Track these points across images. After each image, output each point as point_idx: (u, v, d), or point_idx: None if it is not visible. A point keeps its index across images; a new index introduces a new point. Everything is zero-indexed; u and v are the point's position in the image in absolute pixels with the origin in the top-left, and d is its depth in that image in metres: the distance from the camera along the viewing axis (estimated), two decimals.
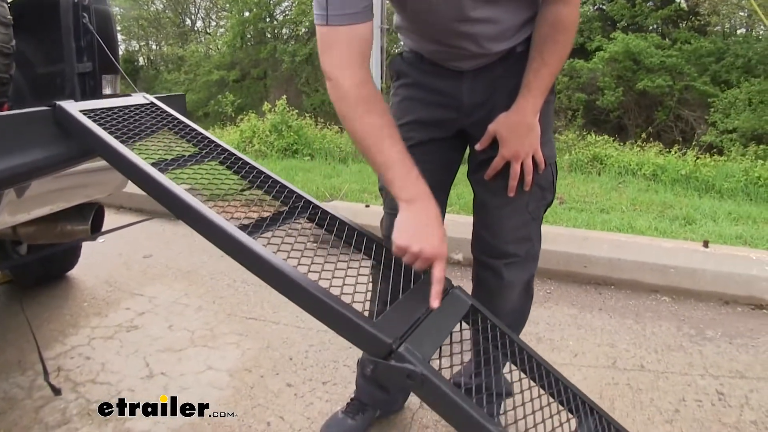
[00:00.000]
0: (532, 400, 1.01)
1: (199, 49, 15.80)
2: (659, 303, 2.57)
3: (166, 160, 1.20)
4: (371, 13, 1.13)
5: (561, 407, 1.08)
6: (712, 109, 7.90)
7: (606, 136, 6.67)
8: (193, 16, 17.95)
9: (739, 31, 10.42)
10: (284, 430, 1.70)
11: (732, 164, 5.47)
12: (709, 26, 9.25)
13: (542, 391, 1.08)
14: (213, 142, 1.35)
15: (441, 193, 1.44)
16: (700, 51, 8.93)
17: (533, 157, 1.30)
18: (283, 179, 1.27)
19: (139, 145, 1.24)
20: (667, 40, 9.51)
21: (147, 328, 2.33)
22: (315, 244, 1.10)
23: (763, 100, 7.91)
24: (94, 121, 1.22)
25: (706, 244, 2.72)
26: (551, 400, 1.07)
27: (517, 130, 1.26)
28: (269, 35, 14.84)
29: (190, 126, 1.39)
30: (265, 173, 1.27)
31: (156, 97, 1.55)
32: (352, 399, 1.67)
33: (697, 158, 5.51)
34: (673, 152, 5.94)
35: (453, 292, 1.10)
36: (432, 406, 0.89)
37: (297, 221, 1.16)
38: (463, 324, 1.11)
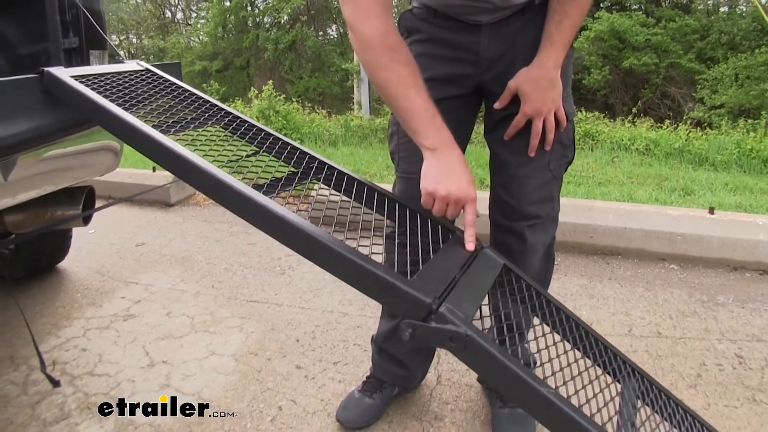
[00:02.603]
0: (577, 361, 0.95)
1: (180, 41, 15.51)
2: (668, 271, 2.53)
3: (168, 123, 1.11)
4: None
5: (601, 369, 1.01)
6: (699, 86, 7.91)
7: (597, 113, 6.63)
8: (173, 8, 17.61)
9: (722, 9, 10.44)
10: (297, 413, 1.62)
11: (724, 137, 5.46)
12: (693, 4, 9.24)
13: (579, 352, 1.01)
14: (215, 105, 1.26)
15: None
16: (684, 29, 8.91)
17: (555, 114, 1.24)
18: (293, 141, 1.18)
19: (137, 110, 1.14)
20: (651, 18, 9.48)
21: (144, 317, 2.24)
22: (335, 204, 1.03)
23: (750, 76, 7.92)
24: (88, 86, 1.13)
25: (711, 210, 2.68)
26: (590, 362, 1.01)
27: (540, 85, 1.20)
28: (251, 24, 14.60)
29: (189, 90, 1.30)
30: (274, 135, 1.18)
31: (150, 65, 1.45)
32: (368, 377, 1.61)
33: (689, 132, 5.49)
34: (665, 127, 5.92)
35: (484, 251, 1.03)
36: (477, 369, 0.82)
37: (313, 182, 1.08)
38: (505, 282, 1.05)
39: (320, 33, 14.74)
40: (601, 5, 9.69)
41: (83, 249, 2.88)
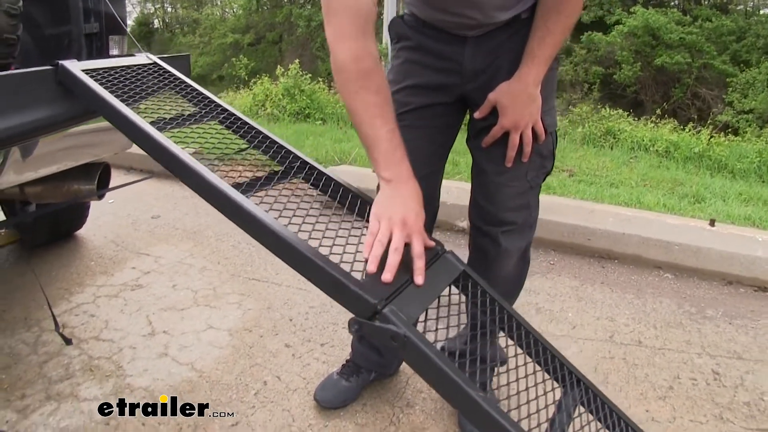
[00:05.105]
0: (517, 367, 1.02)
1: (214, 12, 15.67)
2: (662, 279, 2.56)
3: (165, 119, 1.20)
4: None
5: (547, 376, 1.08)
6: (730, 89, 7.73)
7: (620, 111, 6.56)
8: None
9: (762, 11, 10.11)
10: (280, 389, 1.73)
11: (746, 145, 5.38)
12: (731, 4, 9.00)
13: (529, 359, 1.08)
14: (213, 102, 1.35)
15: (438, 158, 1.45)
16: (720, 29, 8.68)
17: (533, 128, 1.29)
18: (281, 140, 1.26)
19: (140, 104, 1.24)
20: (688, 16, 9.26)
21: (151, 287, 2.37)
22: (308, 204, 1.11)
23: None
24: (96, 80, 1.22)
25: (712, 222, 2.69)
26: (538, 368, 1.08)
27: (518, 100, 1.24)
28: None
29: (191, 86, 1.39)
30: (263, 134, 1.27)
31: (160, 58, 1.54)
32: (347, 361, 1.70)
33: (711, 137, 5.42)
34: (687, 130, 5.85)
35: (445, 256, 1.11)
36: (415, 369, 0.90)
37: (292, 181, 1.16)
38: (456, 289, 1.12)
39: None
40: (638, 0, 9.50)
41: (101, 218, 3.02)
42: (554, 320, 2.17)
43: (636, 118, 6.70)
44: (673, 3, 9.73)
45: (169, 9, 17.85)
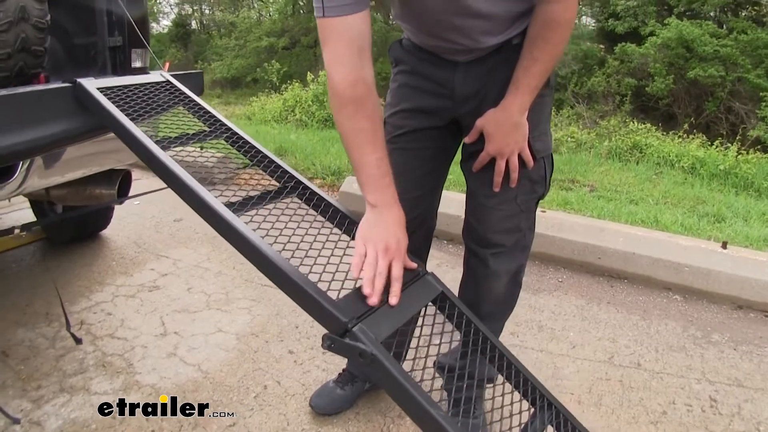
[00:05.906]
0: (485, 388, 1.06)
1: (250, 15, 15.95)
2: (670, 301, 2.55)
3: (171, 137, 1.28)
4: (366, 3, 1.13)
5: (519, 395, 1.12)
6: (764, 104, 7.52)
7: (648, 125, 6.47)
8: None
9: None
10: (279, 393, 1.80)
11: None
12: (765, 17, 8.75)
13: (499, 382, 1.13)
14: (219, 120, 1.42)
15: (432, 180, 1.49)
16: (756, 42, 8.41)
17: (521, 154, 1.32)
18: (279, 159, 1.33)
19: (148, 122, 1.32)
20: (723, 28, 9.05)
21: (167, 289, 2.47)
22: (296, 223, 1.17)
23: None
24: (109, 98, 1.32)
25: (724, 245, 2.67)
26: (508, 390, 1.12)
27: (503, 128, 1.28)
28: None
29: (199, 105, 1.47)
30: (262, 152, 1.34)
31: (174, 75, 1.63)
32: (343, 370, 1.76)
33: (739, 153, 5.30)
34: (714, 146, 5.74)
35: (425, 277, 1.16)
36: (381, 384, 0.96)
37: (283, 201, 1.23)
38: (437, 309, 1.17)
39: (389, 17, 14.79)
40: (674, 11, 9.32)
41: (125, 219, 3.16)
42: (555, 339, 2.18)
43: (665, 132, 6.60)
44: (711, 14, 9.54)
45: (207, 11, 18.23)
